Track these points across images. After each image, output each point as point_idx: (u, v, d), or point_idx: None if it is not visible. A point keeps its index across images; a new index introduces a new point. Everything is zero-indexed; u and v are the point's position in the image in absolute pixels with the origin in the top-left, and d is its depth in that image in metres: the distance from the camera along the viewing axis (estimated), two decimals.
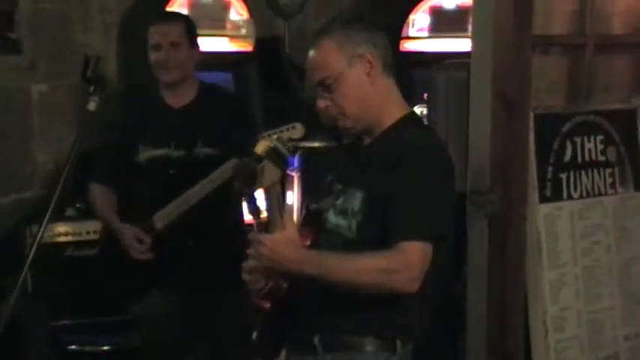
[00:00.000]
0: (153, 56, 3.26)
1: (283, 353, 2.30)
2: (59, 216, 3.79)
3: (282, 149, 2.05)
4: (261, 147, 2.05)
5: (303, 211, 2.36)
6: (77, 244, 3.81)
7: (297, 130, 2.86)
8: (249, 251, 2.12)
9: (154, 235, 3.15)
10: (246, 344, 3.15)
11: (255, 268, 2.15)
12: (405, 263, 2.04)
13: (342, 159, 2.41)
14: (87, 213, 3.95)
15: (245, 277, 2.18)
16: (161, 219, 3.14)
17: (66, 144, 3.86)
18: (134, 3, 4.62)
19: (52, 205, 2.37)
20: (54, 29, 4.40)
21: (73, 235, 3.82)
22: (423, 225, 2.07)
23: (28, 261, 2.35)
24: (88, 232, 3.81)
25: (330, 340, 2.19)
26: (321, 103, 2.24)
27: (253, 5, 4.58)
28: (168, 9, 4.14)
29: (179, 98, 3.27)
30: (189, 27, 3.32)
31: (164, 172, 3.20)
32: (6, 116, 4.25)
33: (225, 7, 4.38)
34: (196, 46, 3.32)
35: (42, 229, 2.36)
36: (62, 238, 3.80)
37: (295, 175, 4.09)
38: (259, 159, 2.04)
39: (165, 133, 3.22)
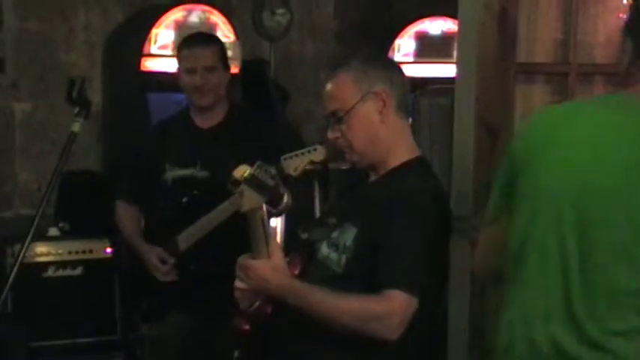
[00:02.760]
0: (187, 80, 3.22)
1: None
2: (41, 236, 3.78)
3: (263, 177, 2.04)
4: (239, 172, 2.05)
5: (296, 240, 2.37)
6: (58, 265, 3.79)
7: (319, 152, 2.87)
8: (238, 273, 2.13)
9: (177, 256, 3.14)
10: None
11: (244, 289, 2.15)
12: (388, 311, 2.04)
13: (342, 192, 2.41)
14: (69, 233, 3.94)
15: (236, 294, 2.19)
16: (185, 240, 3.13)
17: (48, 163, 3.84)
18: (119, 23, 4.63)
19: (34, 225, 2.36)
20: (38, 48, 4.40)
21: (54, 255, 3.80)
22: (413, 278, 2.06)
23: (10, 281, 2.34)
24: (69, 253, 3.80)
25: None
26: (331, 134, 2.26)
27: (239, 28, 4.61)
28: (194, 33, 4.11)
29: (209, 119, 3.27)
30: (222, 50, 3.30)
31: (189, 192, 3.19)
32: None
33: (212, 29, 4.39)
34: (228, 68, 3.31)
35: (24, 249, 2.34)
36: (43, 258, 3.78)
37: None
38: (237, 183, 2.04)
39: (192, 153, 3.22)
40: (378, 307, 2.04)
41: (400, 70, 2.32)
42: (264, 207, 2.06)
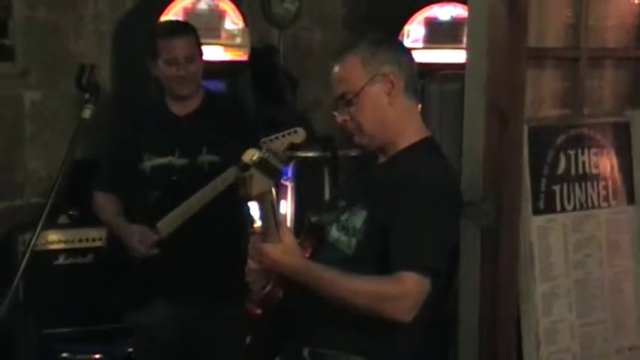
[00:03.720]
0: (168, 71, 3.20)
1: None
2: (51, 224, 3.79)
3: (272, 160, 2.03)
4: (248, 155, 2.04)
5: (306, 223, 2.36)
6: (69, 252, 3.80)
7: (299, 134, 2.86)
8: (251, 255, 2.13)
9: (158, 242, 3.14)
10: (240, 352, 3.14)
11: (256, 271, 2.15)
12: (401, 293, 2.04)
13: (351, 175, 2.41)
14: (79, 221, 3.95)
15: (247, 278, 2.19)
16: (165, 227, 3.13)
17: (58, 152, 3.86)
18: (128, 11, 4.62)
19: (45, 213, 2.37)
20: (47, 37, 4.41)
21: (65, 242, 3.81)
22: (426, 259, 2.07)
23: (21, 269, 2.35)
24: (80, 240, 3.81)
25: (319, 355, 2.19)
26: (340, 117, 2.26)
27: (248, 15, 4.60)
28: (169, 18, 4.11)
29: (185, 107, 3.26)
30: (197, 37, 3.29)
31: (168, 180, 3.19)
32: None
33: (221, 16, 4.39)
34: (202, 54, 3.30)
35: (35, 237, 2.35)
36: (54, 246, 3.80)
37: (289, 185, 4.09)
38: (246, 167, 2.03)
39: (169, 141, 3.21)
40: (390, 289, 2.04)
41: (408, 52, 2.31)
42: (274, 190, 2.05)
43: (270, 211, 2.05)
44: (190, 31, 3.29)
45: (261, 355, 3.22)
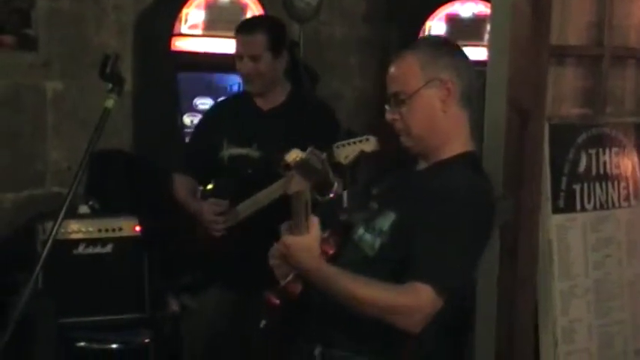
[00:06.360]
0: (237, 65, 3.27)
1: None
2: (71, 213, 3.81)
3: (316, 163, 2.03)
4: (291, 156, 2.05)
5: (335, 221, 2.36)
6: (88, 242, 3.82)
7: (371, 143, 2.86)
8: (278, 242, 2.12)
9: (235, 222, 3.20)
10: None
11: (277, 259, 2.16)
12: (413, 305, 2.02)
13: (383, 180, 2.39)
14: (99, 211, 3.97)
15: (271, 261, 2.19)
16: (244, 210, 3.18)
17: (79, 142, 3.88)
18: (149, 3, 4.63)
19: (66, 203, 2.38)
20: (70, 27, 4.42)
21: (84, 232, 3.83)
22: (446, 277, 2.04)
23: (42, 258, 2.36)
24: (99, 230, 3.82)
25: (330, 355, 2.17)
26: (390, 116, 2.22)
27: (269, 8, 4.59)
28: (250, 17, 4.12)
29: (268, 101, 3.31)
30: (272, 36, 3.26)
31: (244, 171, 3.23)
32: (20, 113, 4.29)
33: (242, 9, 4.40)
34: (283, 52, 3.28)
35: (56, 227, 2.36)
36: (73, 236, 3.81)
37: None
38: (287, 167, 2.04)
39: (250, 133, 3.25)
40: (404, 300, 2.01)
41: (468, 60, 2.27)
42: (309, 191, 2.05)
43: (303, 210, 2.04)
44: (262, 30, 3.25)
45: (273, 342, 3.25)
